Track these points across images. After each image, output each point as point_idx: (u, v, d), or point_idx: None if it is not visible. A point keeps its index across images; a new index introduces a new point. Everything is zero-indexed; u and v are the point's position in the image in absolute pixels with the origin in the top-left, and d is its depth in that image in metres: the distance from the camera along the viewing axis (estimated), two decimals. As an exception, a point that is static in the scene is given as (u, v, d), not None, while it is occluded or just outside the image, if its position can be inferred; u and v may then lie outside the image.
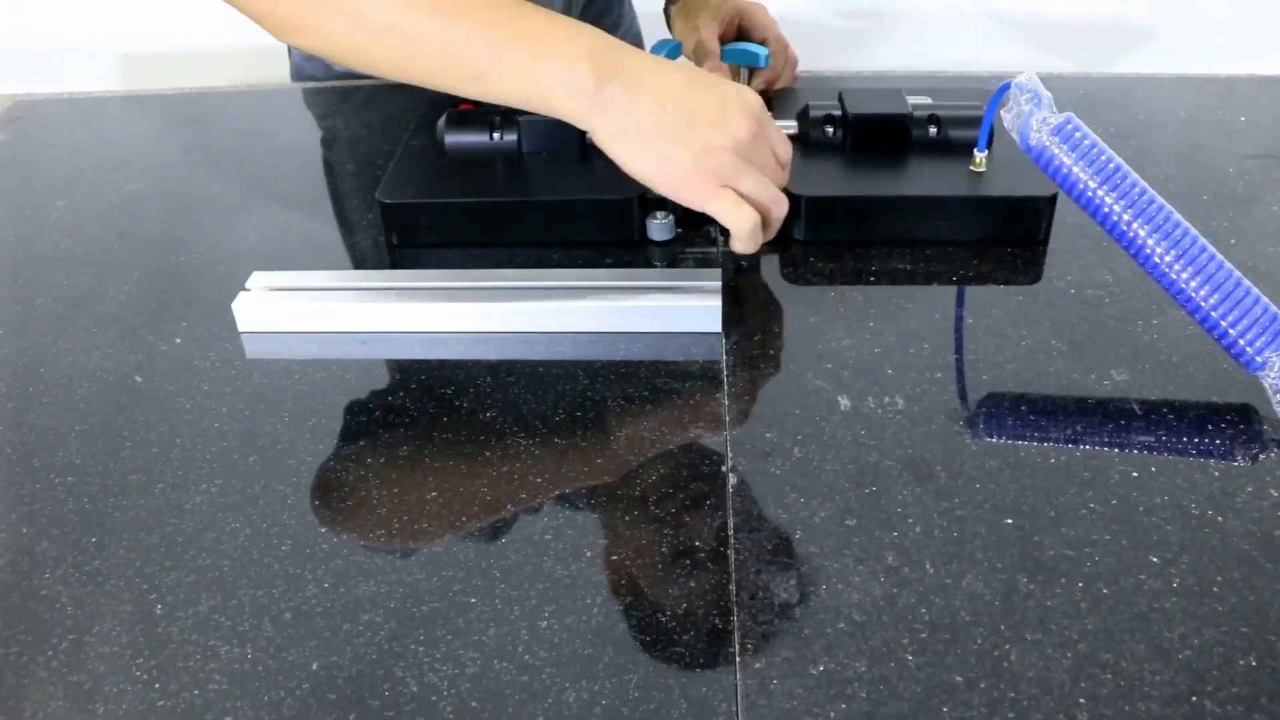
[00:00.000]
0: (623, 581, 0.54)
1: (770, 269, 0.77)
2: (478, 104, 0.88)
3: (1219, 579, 0.53)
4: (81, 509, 0.60)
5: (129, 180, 0.92)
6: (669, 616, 0.52)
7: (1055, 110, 0.68)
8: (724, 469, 0.60)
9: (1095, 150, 0.66)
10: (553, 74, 0.67)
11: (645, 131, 0.67)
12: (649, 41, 1.28)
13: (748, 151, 0.68)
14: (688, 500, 0.58)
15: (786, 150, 0.72)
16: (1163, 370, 0.66)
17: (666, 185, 0.68)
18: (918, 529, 0.56)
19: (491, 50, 0.67)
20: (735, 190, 0.68)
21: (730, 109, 0.68)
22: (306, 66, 1.15)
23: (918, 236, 0.78)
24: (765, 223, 0.71)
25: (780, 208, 0.70)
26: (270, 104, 1.07)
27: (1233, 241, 0.79)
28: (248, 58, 1.56)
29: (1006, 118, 0.70)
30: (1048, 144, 0.67)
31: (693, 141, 0.67)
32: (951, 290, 0.75)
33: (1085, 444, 0.61)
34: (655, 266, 0.78)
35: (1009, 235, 0.78)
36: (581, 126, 0.69)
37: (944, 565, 0.54)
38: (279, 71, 1.19)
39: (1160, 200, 0.65)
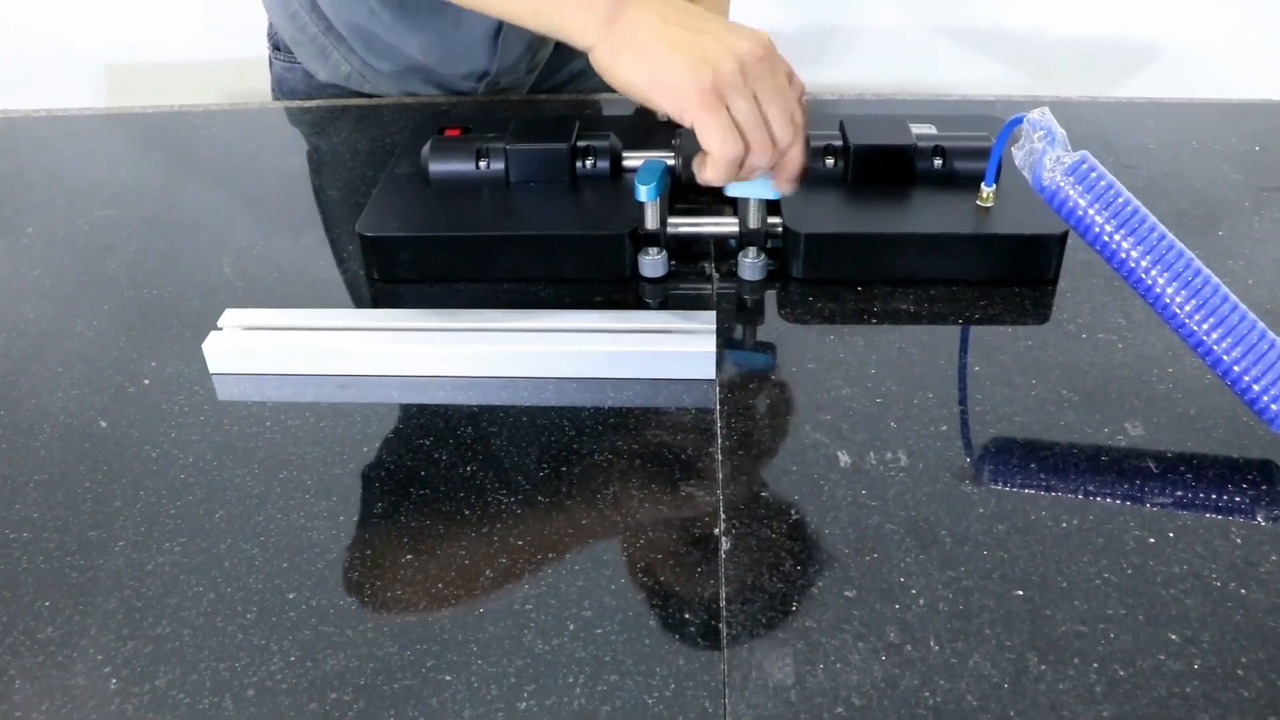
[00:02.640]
0: (607, 659, 0.50)
1: (767, 309, 0.74)
2: (465, 130, 0.85)
3: (1243, 660, 0.50)
4: (36, 569, 0.56)
5: (102, 205, 0.89)
6: (656, 699, 0.49)
7: (1069, 148, 0.65)
8: (716, 532, 0.56)
9: (1111, 192, 0.62)
10: None
11: (646, 42, 0.65)
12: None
13: (750, 71, 0.64)
14: (677, 567, 0.55)
15: (798, 86, 0.69)
16: (1179, 424, 0.63)
17: (661, 92, 0.65)
18: (921, 601, 0.53)
19: None
20: (729, 112, 0.65)
21: (736, 30, 0.66)
22: (288, 79, 1.11)
23: (922, 275, 0.75)
24: (745, 159, 0.66)
25: (761, 154, 0.66)
26: (252, 124, 1.04)
27: (1250, 281, 0.75)
28: (235, 69, 1.53)
29: (1018, 155, 0.66)
30: (1061, 184, 0.63)
31: (692, 49, 0.64)
32: (957, 333, 0.71)
33: (1098, 506, 0.58)
34: (647, 304, 0.75)
35: (1017, 275, 0.75)
36: (585, 42, 0.67)
37: (949, 643, 0.51)
38: (266, 85, 1.16)
39: (1179, 245, 0.62)
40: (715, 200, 0.83)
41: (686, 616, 0.52)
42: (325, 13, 1.02)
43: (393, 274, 0.76)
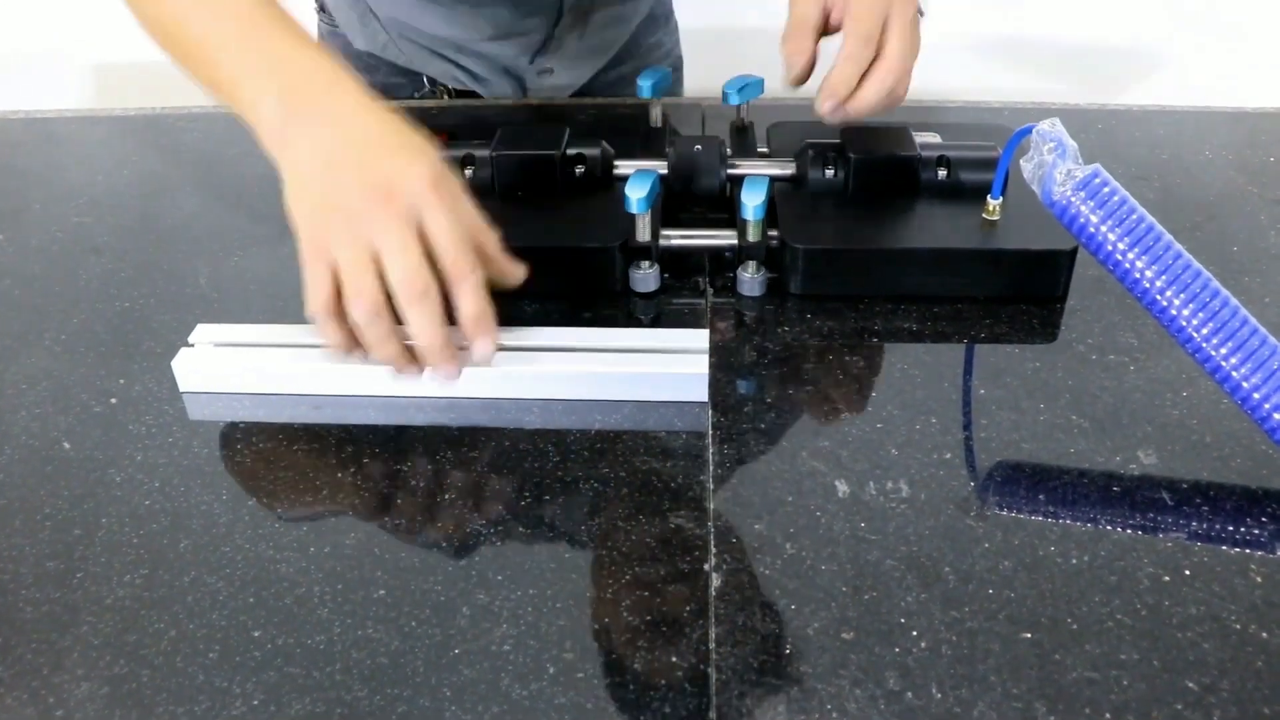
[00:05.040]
0: (589, 705, 0.47)
1: (763, 327, 0.71)
2: (452, 135, 0.82)
3: (1266, 711, 0.47)
4: (-11, 602, 0.53)
5: (77, 212, 0.86)
6: (640, 752, 0.46)
7: (1080, 161, 0.61)
8: (706, 567, 0.53)
9: (1125, 208, 0.59)
10: (245, 99, 0.64)
11: (296, 174, 0.62)
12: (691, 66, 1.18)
13: (359, 222, 0.58)
14: (665, 605, 0.52)
15: (449, 238, 0.59)
16: (1194, 452, 0.60)
17: (294, 228, 0.61)
18: (923, 644, 0.50)
19: (216, 58, 0.65)
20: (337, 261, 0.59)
21: (367, 172, 0.59)
22: (329, 43, 1.08)
23: (925, 292, 0.72)
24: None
25: (359, 305, 0.58)
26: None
27: (1267, 300, 0.72)
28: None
29: (1026, 168, 0.63)
30: (1073, 200, 0.60)
31: (317, 192, 0.60)
32: (961, 353, 0.68)
33: (1110, 541, 0.55)
34: (638, 320, 0.72)
35: (1025, 292, 0.72)
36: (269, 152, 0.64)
37: (952, 690, 0.48)
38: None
39: (1195, 264, 0.59)
40: (711, 211, 0.80)
41: (674, 660, 0.49)
42: None
43: (373, 287, 0.73)
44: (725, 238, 0.74)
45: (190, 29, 0.66)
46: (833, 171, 0.76)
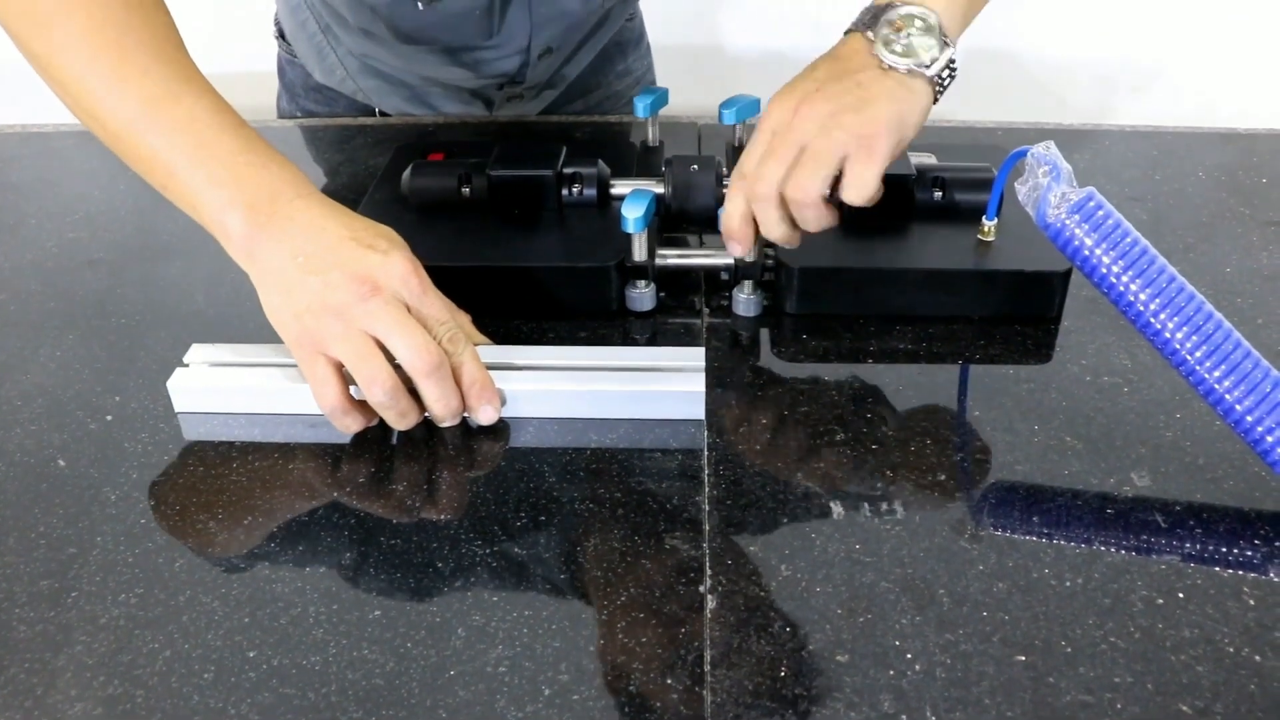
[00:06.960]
0: (584, 728, 0.47)
1: (759, 346, 0.71)
2: (448, 154, 0.82)
3: (1259, 735, 0.47)
4: (-17, 621, 0.53)
5: (72, 227, 0.86)
6: (635, 775, 0.46)
7: (1075, 183, 0.62)
8: (702, 589, 0.54)
9: (1119, 231, 0.60)
10: (207, 213, 0.64)
11: (273, 283, 0.63)
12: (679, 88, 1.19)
13: (352, 316, 0.60)
14: (660, 627, 0.52)
15: (442, 314, 0.63)
16: (1188, 474, 0.60)
17: (281, 336, 0.63)
18: (917, 666, 0.50)
19: (172, 168, 0.64)
20: (332, 356, 0.61)
21: (347, 269, 0.61)
22: (288, 71, 1.09)
23: (920, 312, 0.72)
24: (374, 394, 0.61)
25: (376, 389, 0.60)
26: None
27: (1260, 321, 0.73)
28: (243, 81, 1.50)
29: (1021, 190, 0.64)
30: (1067, 223, 0.61)
31: (301, 296, 0.61)
32: (956, 374, 0.68)
33: (1104, 563, 0.55)
34: (634, 340, 0.72)
35: (1019, 312, 0.72)
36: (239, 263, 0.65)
37: (947, 712, 0.48)
38: (271, 101, 1.13)
39: (1189, 288, 0.59)
40: (706, 231, 0.81)
41: (669, 681, 0.49)
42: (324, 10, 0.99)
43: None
44: (721, 257, 0.74)
45: (143, 139, 0.64)
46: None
